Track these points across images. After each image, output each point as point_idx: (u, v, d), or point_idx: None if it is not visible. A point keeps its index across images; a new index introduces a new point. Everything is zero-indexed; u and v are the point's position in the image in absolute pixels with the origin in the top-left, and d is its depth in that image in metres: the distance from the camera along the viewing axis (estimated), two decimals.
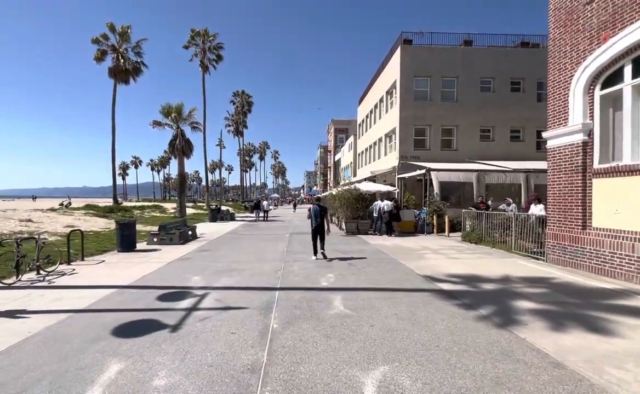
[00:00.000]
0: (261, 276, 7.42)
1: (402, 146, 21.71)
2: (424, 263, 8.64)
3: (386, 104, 25.30)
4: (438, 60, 21.68)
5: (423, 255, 9.96)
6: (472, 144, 21.81)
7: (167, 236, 12.54)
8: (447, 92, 22.05)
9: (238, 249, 11.44)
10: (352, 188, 15.73)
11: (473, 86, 21.83)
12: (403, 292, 6.08)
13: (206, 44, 37.19)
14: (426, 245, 11.89)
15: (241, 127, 60.95)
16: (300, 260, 9.22)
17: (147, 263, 9.01)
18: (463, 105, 21.79)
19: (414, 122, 21.75)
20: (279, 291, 6.18)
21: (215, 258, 9.67)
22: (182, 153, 25.14)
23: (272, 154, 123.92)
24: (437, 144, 21.92)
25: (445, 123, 21.98)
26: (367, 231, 15.59)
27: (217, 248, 11.82)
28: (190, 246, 12.04)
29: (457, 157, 21.04)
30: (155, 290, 6.34)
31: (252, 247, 11.83)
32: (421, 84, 22.02)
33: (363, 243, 12.71)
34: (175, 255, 10.17)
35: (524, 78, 22.04)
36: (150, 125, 24.91)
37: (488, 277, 7.14)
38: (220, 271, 7.89)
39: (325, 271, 7.84)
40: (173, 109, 24.79)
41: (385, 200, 15.16)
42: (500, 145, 21.89)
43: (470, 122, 21.83)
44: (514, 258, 9.45)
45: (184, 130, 25.43)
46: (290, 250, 11.13)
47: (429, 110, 21.75)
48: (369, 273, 7.56)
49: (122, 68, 30.44)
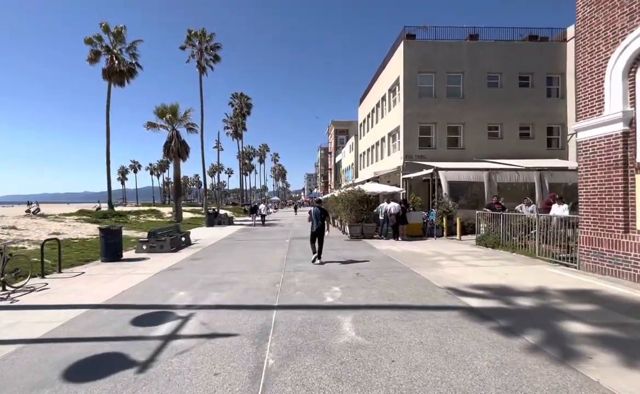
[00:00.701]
0: (257, 290, 6.45)
1: (407, 145, 20.77)
2: (442, 272, 7.67)
3: (389, 102, 24.39)
4: (443, 55, 20.77)
5: (438, 262, 8.99)
6: (479, 142, 20.87)
7: (157, 243, 11.59)
8: (453, 88, 21.12)
9: (233, 257, 10.47)
10: (356, 189, 14.78)
11: (480, 82, 20.91)
12: (425, 311, 5.12)
13: (203, 44, 36.44)
14: (438, 250, 10.92)
15: (240, 129, 60.14)
16: (302, 270, 8.26)
17: (130, 275, 8.05)
18: (469, 102, 20.87)
19: (418, 120, 20.83)
20: (277, 311, 5.22)
21: (207, 268, 8.71)
22: (178, 156, 24.26)
23: (272, 157, 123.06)
24: (443, 143, 20.98)
25: (452, 121, 21.04)
26: (372, 235, 14.62)
27: (210, 255, 10.85)
28: (181, 254, 11.08)
29: (464, 156, 20.10)
30: (131, 311, 5.38)
31: (249, 255, 10.87)
32: (425, 80, 21.10)
33: (369, 248, 11.74)
34: (164, 265, 9.22)
35: (532, 73, 21.11)
36: (144, 126, 24.05)
37: (519, 289, 6.17)
38: (211, 285, 6.93)
39: (330, 283, 6.88)
40: (168, 110, 23.94)
41: (392, 201, 14.19)
42: (509, 143, 20.94)
43: (477, 119, 20.89)
44: (540, 264, 8.47)
45: (179, 132, 24.61)
46: (291, 257, 10.17)
47: (434, 108, 20.82)
48: (380, 286, 6.59)
49: (116, 70, 29.53)
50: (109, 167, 30.51)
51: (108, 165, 30.51)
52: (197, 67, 36.43)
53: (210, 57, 37.24)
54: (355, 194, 14.53)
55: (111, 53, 29.62)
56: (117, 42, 29.93)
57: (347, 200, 14.53)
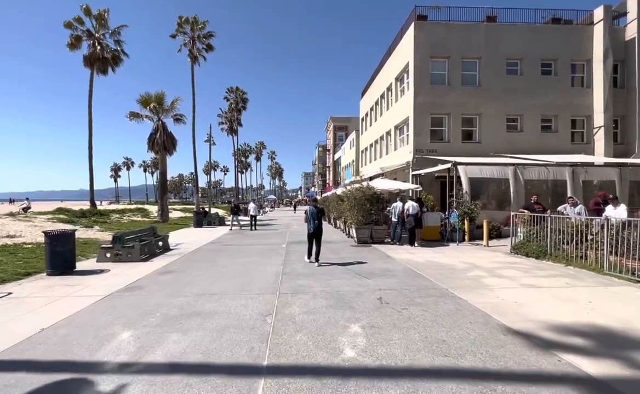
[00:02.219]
0: (238, 331, 4.34)
1: (417, 138, 18.71)
2: (495, 298, 5.60)
3: (395, 92, 22.30)
4: (457, 38, 18.72)
5: (479, 279, 6.91)
6: (497, 135, 18.86)
7: (123, 250, 9.42)
8: (468, 75, 19.09)
9: (215, 269, 8.34)
10: (364, 186, 12.68)
11: (498, 68, 18.89)
12: (515, 384, 3.03)
13: (195, 32, 34.10)
14: (471, 261, 8.85)
15: (235, 125, 57.80)
16: (303, 291, 6.15)
17: (71, 298, 5.92)
18: (486, 91, 18.85)
19: (430, 110, 18.77)
20: (265, 380, 3.13)
21: (177, 288, 6.58)
22: (164, 149, 22.06)
23: (268, 155, 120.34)
24: (457, 136, 18.95)
25: (467, 112, 19.01)
26: (383, 239, 12.55)
27: (187, 267, 8.71)
28: (152, 265, 8.94)
29: (480, 151, 18.07)
30: (23, 376, 3.25)
31: (236, 266, 8.74)
32: (438, 66, 19.05)
33: (384, 257, 9.65)
34: (122, 281, 7.09)
35: (555, 60, 19.13)
36: (127, 117, 21.82)
37: (632, 334, 4.12)
38: (174, 319, 4.82)
39: (345, 316, 4.79)
40: (153, 98, 21.73)
41: (409, 200, 12.11)
42: (530, 137, 18.95)
43: (495, 110, 18.88)
44: (620, 284, 6.42)
45: (165, 123, 22.38)
46: (288, 271, 8.06)
47: (448, 97, 18.78)
48: (420, 323, 4.51)
49: (99, 56, 27.19)
50: (91, 162, 28.16)
51: (90, 160, 28.16)
52: (189, 57, 34.10)
53: (202, 46, 34.94)
54: (364, 192, 12.42)
55: (93, 38, 27.30)
56: (100, 26, 27.61)
57: (354, 198, 12.44)
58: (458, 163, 14.05)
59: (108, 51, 27.88)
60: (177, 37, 34.08)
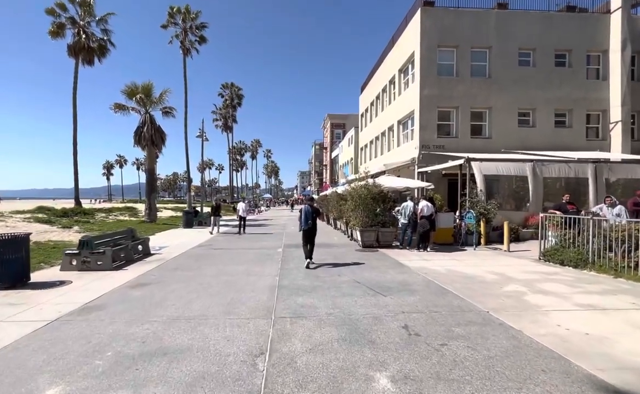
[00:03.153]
0: (216, 387, 3.02)
1: (423, 133, 17.46)
2: (556, 327, 4.31)
3: (399, 85, 21.03)
4: (467, 26, 17.49)
5: (521, 297, 5.64)
6: (508, 131, 17.66)
7: (92, 257, 8.04)
8: (478, 66, 17.87)
9: (197, 282, 6.98)
10: (370, 183, 11.38)
11: (509, 59, 17.69)
12: None
13: (187, 23, 32.60)
14: (498, 270, 7.59)
15: (230, 121, 56.30)
16: (306, 315, 4.84)
17: (4, 324, 4.57)
18: (497, 83, 17.64)
19: (437, 103, 17.52)
20: None
21: (146, 308, 5.24)
22: (152, 144, 20.58)
23: (264, 153, 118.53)
24: (465, 131, 17.72)
25: (476, 105, 17.79)
26: (390, 243, 11.28)
27: (166, 277, 7.35)
28: (125, 274, 7.57)
29: (490, 147, 16.83)
30: None
31: (224, 276, 7.41)
32: (446, 56, 17.81)
33: (396, 265, 8.36)
34: (82, 298, 5.73)
35: (570, 50, 17.97)
36: (111, 108, 20.30)
37: None
38: (129, 362, 3.48)
39: (365, 359, 3.48)
40: (140, 89, 20.22)
41: (423, 200, 10.82)
42: (543, 132, 17.78)
43: (506, 104, 17.68)
44: None
45: (153, 116, 20.90)
46: (286, 283, 6.74)
47: (456, 89, 17.55)
48: (470, 370, 3.22)
49: (84, 46, 25.62)
50: (75, 159, 26.61)
51: (75, 156, 26.60)
52: (181, 49, 32.62)
53: (195, 38, 33.43)
54: (370, 190, 11.11)
55: (78, 26, 25.70)
56: (85, 13, 26.01)
57: (358, 197, 11.13)
58: (472, 158, 12.80)
59: (94, 40, 26.32)
60: (169, 28, 32.63)
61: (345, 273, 7.40)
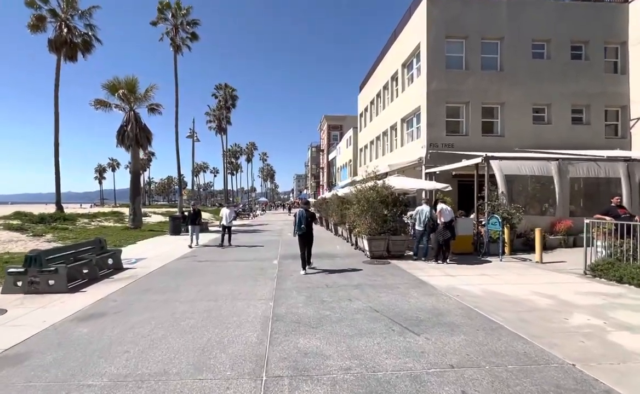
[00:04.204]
0: None
1: (431, 131, 16.09)
2: None
3: (402, 81, 19.69)
4: (476, 15, 16.22)
5: (606, 336, 4.15)
6: (522, 128, 16.36)
7: (42, 276, 6.48)
8: (489, 58, 16.59)
9: (171, 309, 5.47)
10: (379, 185, 9.92)
11: (522, 51, 16.42)
12: None
13: (178, 19, 31.12)
14: (547, 291, 6.16)
15: (224, 123, 54.65)
16: (311, 372, 3.35)
17: None
18: (510, 77, 16.36)
19: (446, 98, 16.19)
20: None
21: (86, 360, 3.72)
22: (136, 144, 19.02)
23: (260, 156, 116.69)
24: (476, 128, 16.38)
25: (487, 100, 16.48)
26: (402, 253, 9.82)
27: (130, 304, 5.81)
28: (80, 299, 6.03)
29: (503, 145, 15.45)
30: None
31: (203, 303, 5.89)
32: (454, 48, 16.51)
33: (416, 283, 6.89)
34: (4, 341, 4.19)
35: (587, 42, 16.76)
36: (91, 104, 18.70)
37: None
38: None
39: None
40: (123, 84, 18.66)
41: (441, 204, 9.39)
42: (559, 129, 16.50)
43: (519, 99, 16.39)
44: None
45: (138, 114, 19.33)
46: (282, 312, 5.25)
47: (466, 83, 16.23)
48: None
49: (65, 40, 24.02)
50: (57, 160, 24.88)
51: (56, 157, 24.88)
52: (171, 46, 31.11)
53: (187, 35, 31.94)
54: (379, 192, 9.65)
55: (59, 19, 24.10)
56: (68, 6, 24.42)
57: (365, 201, 9.66)
58: (492, 156, 11.42)
59: (77, 35, 24.74)
60: (159, 24, 31.17)
61: (357, 296, 5.92)
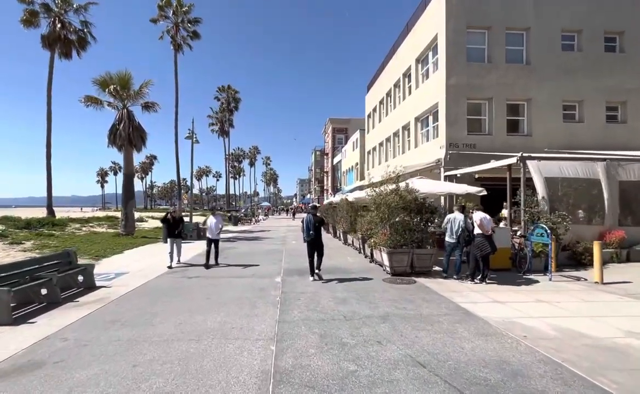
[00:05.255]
0: None
1: (451, 129, 14.58)
2: None
3: (416, 77, 18.23)
4: (500, 4, 14.76)
5: None
6: (551, 127, 14.80)
7: None
8: (514, 50, 15.09)
9: (131, 360, 3.96)
10: (401, 188, 8.40)
11: (551, 43, 14.91)
12: None
13: (179, 17, 30.09)
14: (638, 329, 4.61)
15: (227, 126, 53.55)
16: None
17: None
18: (537, 70, 14.84)
19: (467, 94, 14.69)
20: None
21: None
22: (130, 144, 17.62)
23: (263, 160, 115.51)
24: (500, 127, 14.85)
25: (512, 97, 14.96)
26: (428, 268, 8.28)
27: (78, 350, 4.30)
28: (20, 337, 4.54)
29: (530, 146, 13.89)
30: None
31: (180, 345, 4.38)
32: (476, 39, 15.04)
33: (461, 314, 5.35)
34: None
35: (622, 32, 15.23)
36: (81, 101, 17.37)
37: None
38: None
39: None
40: (115, 80, 17.33)
41: (478, 211, 7.86)
42: (592, 128, 14.93)
43: (548, 95, 14.86)
44: None
45: (132, 112, 17.98)
46: (288, 365, 3.73)
47: (488, 77, 14.74)
48: None
49: (59, 36, 22.87)
50: (49, 162, 23.71)
51: (48, 158, 23.70)
52: (172, 44, 30.06)
53: (188, 34, 30.89)
54: (402, 196, 8.13)
55: (53, 14, 22.96)
56: (62, 1, 23.28)
57: (386, 206, 8.13)
58: (528, 156, 9.89)
59: (72, 31, 23.59)
60: (159, 22, 30.16)
61: (388, 336, 4.39)
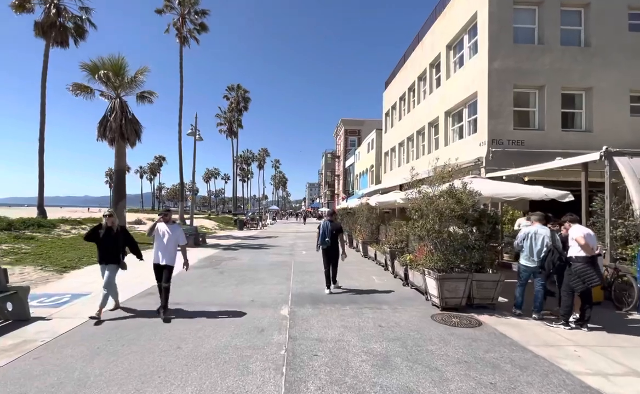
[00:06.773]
0: None
1: (494, 123, 12.24)
2: None
3: (447, 66, 15.91)
4: None
5: None
6: (615, 121, 12.33)
7: None
8: (570, 30, 12.69)
9: None
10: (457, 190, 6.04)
11: (615, 21, 12.49)
12: None
13: (185, 7, 28.42)
14: None
15: (236, 126, 51.92)
16: None
17: None
18: (599, 54, 12.41)
19: (513, 81, 12.34)
20: None
21: None
22: (122, 137, 15.70)
23: (272, 163, 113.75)
24: (554, 120, 12.43)
25: (568, 85, 12.53)
26: (491, 301, 5.94)
27: None
28: None
29: (589, 142, 11.32)
30: None
31: None
32: (523, 18, 12.71)
33: None
34: None
35: None
36: (69, 89, 15.56)
37: None
38: None
39: None
40: (107, 66, 15.46)
41: (576, 224, 5.43)
42: None
43: (612, 83, 12.40)
44: None
45: (126, 103, 16.09)
46: None
47: (539, 62, 12.37)
48: None
49: (54, 23, 21.26)
50: (41, 159, 21.94)
51: (41, 155, 21.94)
52: (177, 37, 28.43)
53: (194, 27, 29.23)
54: (461, 201, 5.81)
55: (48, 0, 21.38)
56: None
57: (438, 214, 5.84)
58: (617, 152, 7.49)
59: (68, 18, 21.98)
60: (165, 13, 28.54)
61: None
